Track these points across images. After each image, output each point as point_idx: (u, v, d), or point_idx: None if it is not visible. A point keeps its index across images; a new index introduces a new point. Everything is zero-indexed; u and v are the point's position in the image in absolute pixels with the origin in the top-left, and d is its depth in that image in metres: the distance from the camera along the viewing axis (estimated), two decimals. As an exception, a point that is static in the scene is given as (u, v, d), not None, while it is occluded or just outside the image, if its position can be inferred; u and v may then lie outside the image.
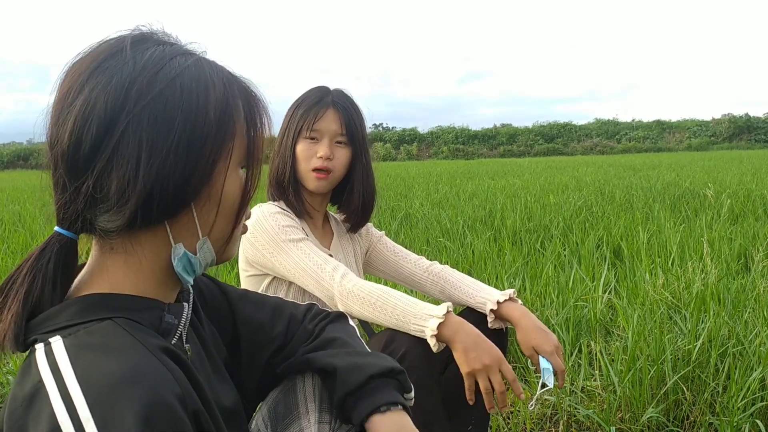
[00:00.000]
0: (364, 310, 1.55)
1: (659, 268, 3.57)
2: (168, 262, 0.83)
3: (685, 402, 2.19)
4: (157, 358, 0.73)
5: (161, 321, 0.84)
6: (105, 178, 0.75)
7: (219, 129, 0.80)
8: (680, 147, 56.86)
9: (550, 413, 2.31)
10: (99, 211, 0.77)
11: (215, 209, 0.84)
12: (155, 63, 0.78)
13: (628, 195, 8.71)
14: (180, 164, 0.77)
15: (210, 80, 0.81)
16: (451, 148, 60.64)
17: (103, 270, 0.81)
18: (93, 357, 0.70)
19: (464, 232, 5.77)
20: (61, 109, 0.77)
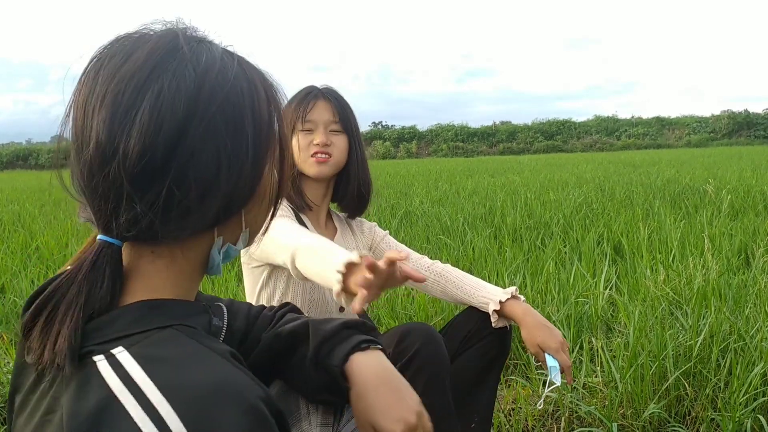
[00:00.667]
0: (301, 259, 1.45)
1: (660, 264, 3.56)
2: (204, 257, 0.81)
3: (686, 398, 2.18)
4: (232, 365, 0.71)
5: (210, 325, 0.82)
6: (181, 185, 0.71)
7: (269, 129, 0.81)
8: (680, 143, 56.90)
9: (552, 410, 2.30)
10: (169, 218, 0.73)
11: (259, 205, 0.84)
12: (212, 64, 0.75)
13: (628, 192, 8.71)
14: (250, 166, 0.77)
15: (255, 81, 0.80)
16: (450, 146, 60.65)
17: (142, 275, 0.77)
18: (170, 368, 0.66)
19: (464, 229, 5.77)
20: (114, 114, 0.70)
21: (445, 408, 1.52)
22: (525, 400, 2.34)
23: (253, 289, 1.80)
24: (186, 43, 0.75)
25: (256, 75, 0.81)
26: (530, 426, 2.24)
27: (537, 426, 2.21)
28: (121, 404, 0.63)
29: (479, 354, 1.73)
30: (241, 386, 0.67)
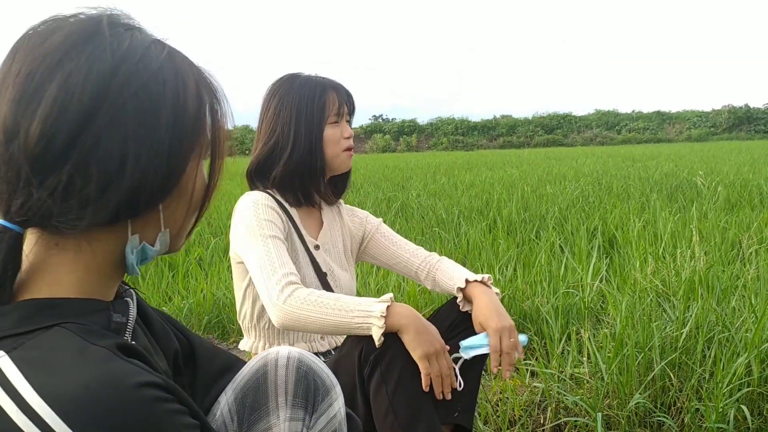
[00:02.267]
0: (302, 311, 1.49)
1: (650, 255, 3.57)
2: (119, 256, 0.78)
3: (672, 388, 2.19)
4: (117, 356, 0.68)
5: (110, 321, 0.78)
6: (81, 173, 0.69)
7: (195, 125, 0.77)
8: (680, 138, 56.87)
9: (538, 400, 2.31)
10: (68, 206, 0.70)
11: (183, 204, 0.81)
12: (134, 52, 0.73)
13: (625, 185, 8.71)
14: (164, 161, 0.73)
15: (184, 73, 0.77)
16: (450, 140, 60.62)
17: (46, 269, 0.74)
18: (50, 369, 0.65)
19: (459, 222, 5.78)
20: (22, 94, 0.69)
21: (422, 398, 1.52)
22: (512, 391, 2.35)
23: (240, 284, 1.80)
24: (109, 28, 0.73)
25: (190, 70, 0.79)
26: (517, 416, 2.25)
27: (524, 416, 2.22)
28: (4, 411, 0.63)
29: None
30: (121, 376, 0.66)
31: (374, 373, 1.50)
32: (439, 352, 1.50)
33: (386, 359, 1.48)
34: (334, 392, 1.11)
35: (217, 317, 3.49)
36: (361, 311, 1.47)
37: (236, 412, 1.06)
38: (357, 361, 1.52)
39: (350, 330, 1.49)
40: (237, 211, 1.71)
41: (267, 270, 1.57)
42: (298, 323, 1.50)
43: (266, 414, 1.05)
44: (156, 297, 3.80)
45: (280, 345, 1.79)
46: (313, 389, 1.08)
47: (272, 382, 1.06)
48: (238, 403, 1.06)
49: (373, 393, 1.51)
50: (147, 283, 4.03)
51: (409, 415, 1.50)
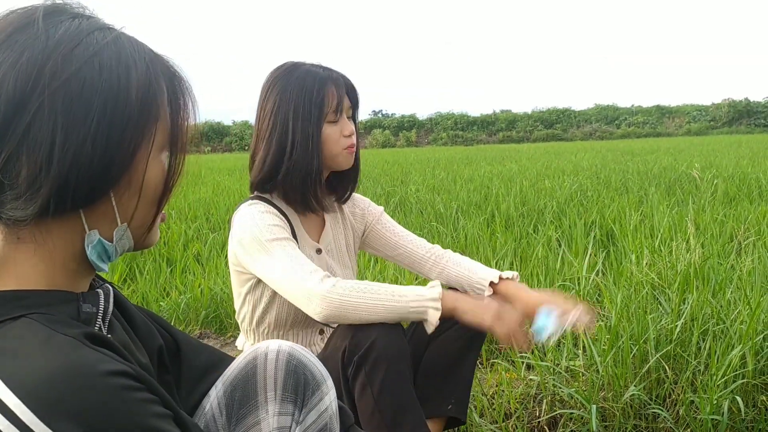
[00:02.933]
0: (348, 303, 1.47)
1: (646, 248, 3.58)
2: (81, 249, 0.77)
3: (667, 380, 2.20)
4: (84, 345, 0.69)
5: (79, 312, 0.78)
6: (13, 163, 0.69)
7: (141, 112, 0.75)
8: (680, 132, 56.82)
9: (534, 393, 2.32)
10: (6, 198, 0.70)
11: (136, 196, 0.78)
12: (71, 38, 0.72)
13: (623, 179, 8.71)
14: (98, 149, 0.72)
15: (131, 58, 0.75)
16: (450, 135, 60.57)
17: (9, 262, 0.75)
18: (16, 359, 0.65)
19: (457, 216, 5.78)
20: None
21: (407, 397, 1.51)
22: (508, 384, 2.36)
23: (239, 291, 1.77)
24: (44, 18, 0.72)
25: (141, 55, 0.77)
26: (512, 409, 2.26)
27: (519, 408, 2.23)
28: None
29: (455, 336, 1.72)
30: (89, 364, 0.66)
31: (358, 374, 1.50)
32: (501, 312, 1.52)
33: (370, 360, 1.47)
34: (325, 386, 1.10)
35: (215, 312, 3.50)
36: (417, 296, 1.50)
37: (225, 406, 1.05)
38: (341, 362, 1.51)
39: (404, 315, 1.50)
40: (238, 223, 1.65)
41: (296, 269, 1.54)
42: (346, 312, 1.48)
43: (255, 408, 1.05)
44: (154, 292, 3.80)
45: None
46: (303, 383, 1.06)
47: (261, 376, 1.05)
48: (228, 397, 1.06)
49: (358, 394, 1.51)
50: (145, 278, 4.03)
51: (394, 415, 1.49)
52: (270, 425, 1.03)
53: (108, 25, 0.77)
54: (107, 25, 0.77)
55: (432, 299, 1.49)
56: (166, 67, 0.80)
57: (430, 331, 1.52)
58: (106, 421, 0.64)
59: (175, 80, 0.81)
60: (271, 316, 1.73)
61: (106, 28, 0.76)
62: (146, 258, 4.51)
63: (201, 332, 3.39)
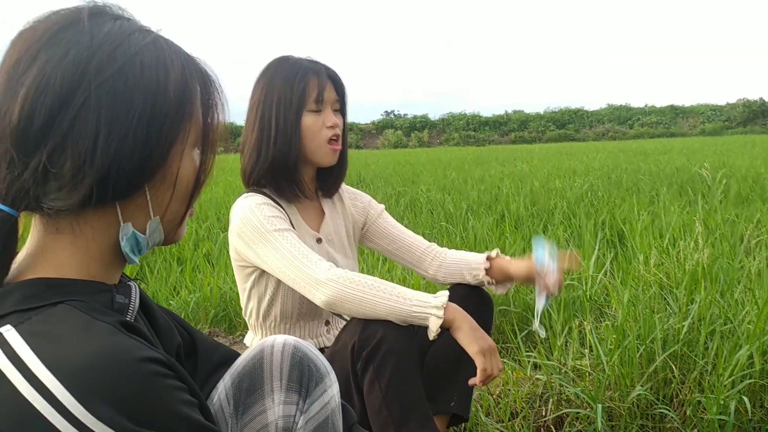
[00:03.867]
0: (354, 292, 1.49)
1: (654, 248, 3.56)
2: (115, 241, 0.81)
3: (674, 380, 2.19)
4: (119, 332, 0.72)
5: (113, 302, 0.82)
6: (59, 154, 0.72)
7: (177, 110, 0.79)
8: (694, 132, 56.42)
9: (540, 392, 2.32)
10: (49, 188, 0.74)
11: (170, 191, 0.82)
12: (114, 38, 0.76)
13: (635, 179, 8.66)
14: (139, 144, 0.75)
15: (169, 59, 0.79)
16: (462, 135, 60.50)
17: (47, 252, 0.78)
18: (56, 342, 0.68)
19: (467, 216, 5.78)
20: (9, 80, 0.73)
21: (415, 393, 1.52)
22: (514, 383, 2.36)
23: (243, 286, 1.78)
24: (89, 18, 0.76)
25: (177, 57, 0.81)
26: (518, 408, 2.26)
27: (525, 408, 2.23)
28: (10, 382, 0.65)
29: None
30: (125, 349, 0.68)
31: (367, 370, 1.51)
32: (494, 349, 1.52)
33: (379, 356, 1.49)
34: (329, 379, 1.14)
35: (224, 311, 3.52)
36: (420, 301, 1.49)
37: (233, 396, 1.09)
38: (350, 357, 1.53)
39: (404, 318, 1.49)
40: (236, 216, 1.67)
41: (299, 258, 1.56)
42: (348, 303, 1.50)
43: (261, 397, 1.08)
44: (164, 290, 3.83)
45: None
46: (308, 375, 1.10)
47: (268, 367, 1.09)
48: (235, 388, 1.10)
49: (366, 389, 1.52)
50: (155, 276, 4.06)
51: (402, 411, 1.50)
52: (276, 413, 1.07)
53: (146, 28, 0.82)
54: (145, 27, 0.81)
55: (435, 307, 1.49)
56: (198, 68, 0.84)
57: (431, 338, 1.51)
58: (141, 405, 0.67)
59: (207, 81, 0.85)
60: (277, 309, 1.75)
61: (145, 30, 0.81)
62: (157, 257, 4.55)
63: (210, 331, 3.41)
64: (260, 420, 1.08)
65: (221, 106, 0.87)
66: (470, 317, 1.54)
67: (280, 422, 1.07)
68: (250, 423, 1.08)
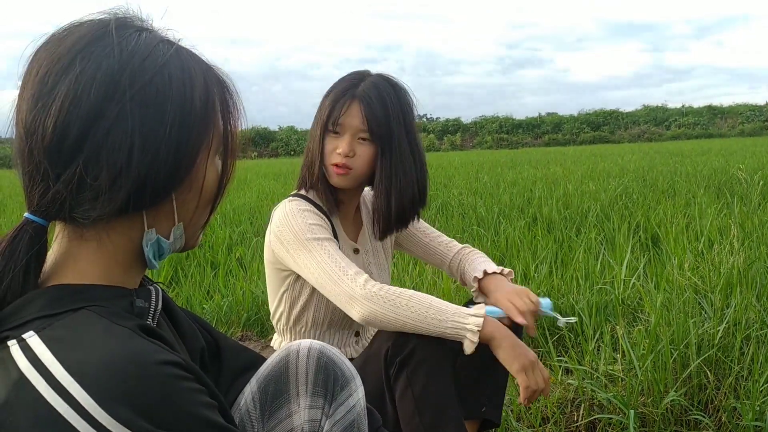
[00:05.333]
0: (390, 310, 1.49)
1: (689, 252, 3.50)
2: (138, 246, 0.82)
3: (708, 386, 2.15)
4: (139, 336, 0.73)
5: (133, 306, 0.83)
6: (94, 165, 0.74)
7: (202, 118, 0.81)
8: (732, 133, 55.23)
9: (572, 397, 2.30)
10: (84, 198, 0.75)
11: (195, 198, 0.84)
12: (142, 50, 0.77)
13: (671, 181, 8.52)
14: (171, 153, 0.77)
15: (192, 69, 0.81)
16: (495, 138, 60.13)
17: (71, 259, 0.80)
18: (77, 346, 0.69)
19: (499, 220, 5.75)
20: (38, 94, 0.74)
21: (448, 399, 1.52)
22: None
23: (276, 289, 1.78)
24: (116, 30, 0.78)
25: (198, 66, 0.82)
26: (550, 413, 2.24)
27: (557, 413, 2.21)
28: (33, 386, 0.67)
29: None
30: (144, 353, 0.70)
31: (400, 375, 1.51)
32: (535, 364, 1.50)
33: (413, 362, 1.49)
34: (354, 384, 1.14)
35: (256, 315, 3.55)
36: (456, 322, 1.48)
37: (259, 400, 1.10)
38: (383, 362, 1.53)
39: (440, 335, 1.50)
40: (278, 219, 1.67)
41: (336, 271, 1.55)
42: (385, 318, 1.50)
43: (287, 401, 1.09)
44: (198, 294, 3.88)
45: None
46: (333, 379, 1.11)
47: (293, 371, 1.10)
48: (261, 392, 1.10)
49: (399, 395, 1.52)
50: (189, 281, 4.12)
51: (434, 417, 1.50)
52: (301, 417, 1.08)
53: (167, 38, 0.83)
54: (167, 38, 0.83)
55: (471, 331, 1.47)
56: (217, 76, 0.86)
57: (467, 353, 1.50)
58: (160, 408, 0.68)
59: (225, 89, 0.87)
60: (309, 315, 1.76)
61: (167, 40, 0.82)
62: (191, 261, 4.61)
63: (242, 334, 3.45)
64: (286, 424, 1.09)
65: (239, 113, 0.89)
66: (510, 333, 1.51)
67: (306, 426, 1.08)
68: (276, 427, 1.09)
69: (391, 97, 1.67)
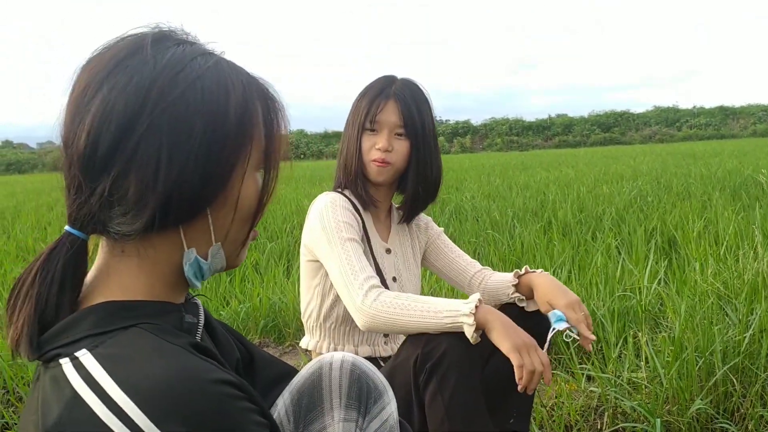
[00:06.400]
0: (387, 319, 1.53)
1: (711, 257, 3.47)
2: (179, 264, 0.81)
3: (735, 394, 2.13)
4: (192, 354, 0.73)
5: (182, 322, 0.83)
6: (122, 180, 0.73)
7: (238, 132, 0.79)
8: (745, 133, 54.86)
9: (595, 405, 2.28)
10: (114, 213, 0.75)
11: (231, 214, 0.82)
12: (176, 63, 0.77)
13: (685, 183, 8.47)
14: (199, 168, 0.76)
15: (230, 82, 0.79)
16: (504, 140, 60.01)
17: (114, 274, 0.79)
18: (131, 364, 0.69)
19: (513, 224, 5.72)
20: (77, 108, 0.75)
21: (477, 407, 1.51)
22: (568, 395, 2.32)
23: (309, 282, 1.83)
24: (152, 44, 0.77)
25: (238, 78, 0.81)
26: (573, 421, 2.22)
27: (580, 421, 2.19)
28: (87, 404, 0.67)
29: None
30: (198, 371, 0.69)
31: (430, 382, 1.50)
32: (530, 345, 1.49)
33: (443, 368, 1.48)
34: (387, 396, 1.13)
35: (273, 321, 3.55)
36: (450, 311, 1.50)
37: (292, 413, 1.09)
38: (413, 369, 1.52)
39: (440, 330, 1.51)
40: (315, 210, 1.74)
41: (348, 274, 1.60)
42: (384, 326, 1.55)
43: (321, 414, 1.09)
44: (214, 301, 3.88)
45: (345, 346, 1.83)
46: (366, 392, 1.10)
47: (327, 384, 1.10)
48: (295, 404, 1.10)
49: (428, 401, 1.51)
50: (205, 287, 4.12)
51: (464, 425, 1.49)
52: (335, 431, 1.07)
53: (209, 51, 0.82)
54: (209, 51, 0.82)
55: (464, 314, 1.48)
56: (260, 88, 0.84)
57: (473, 343, 1.50)
58: (215, 427, 0.67)
59: (269, 101, 0.85)
60: (340, 309, 1.79)
61: (208, 53, 0.81)
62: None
63: (260, 341, 3.45)
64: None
65: (284, 126, 0.86)
66: (504, 316, 1.51)
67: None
68: None
69: (421, 97, 1.81)
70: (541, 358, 1.48)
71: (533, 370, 1.47)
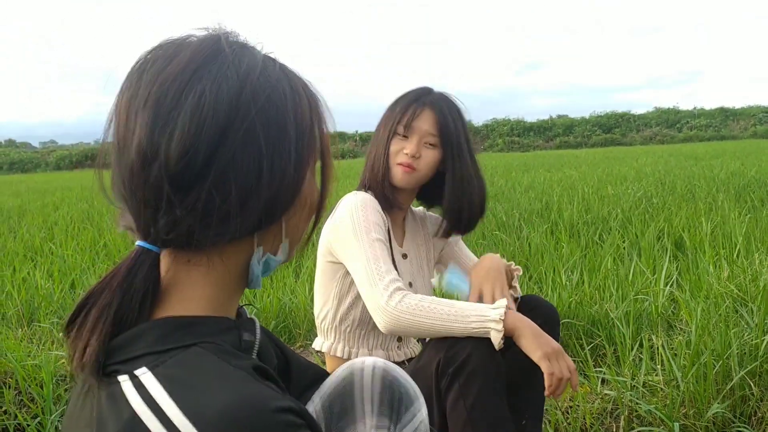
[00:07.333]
0: (411, 322, 1.53)
1: (723, 260, 3.46)
2: (243, 268, 0.80)
3: (752, 398, 2.13)
4: (255, 379, 0.71)
5: (240, 340, 0.81)
6: (221, 188, 0.71)
7: (311, 133, 0.79)
8: (745, 135, 54.78)
9: (610, 408, 2.27)
10: (209, 222, 0.72)
11: (299, 212, 0.82)
12: (254, 66, 0.75)
13: (690, 185, 8.47)
14: (295, 169, 0.76)
15: (297, 84, 0.79)
16: (506, 141, 59.96)
17: (177, 286, 0.77)
18: (194, 388, 0.67)
19: (520, 225, 5.72)
20: (157, 118, 0.70)
21: (500, 412, 1.50)
22: (583, 399, 2.32)
23: (327, 283, 1.81)
24: (228, 47, 0.75)
25: (298, 81, 0.80)
26: (588, 424, 2.22)
27: (595, 424, 2.19)
28: (146, 426, 0.65)
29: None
30: (263, 400, 0.67)
31: (452, 387, 1.50)
32: (559, 352, 1.50)
33: (465, 373, 1.48)
34: (418, 403, 1.13)
35: (284, 322, 3.55)
36: (478, 316, 1.50)
37: (324, 419, 1.09)
38: (434, 373, 1.52)
39: (465, 334, 1.51)
40: (344, 208, 1.73)
41: (374, 275, 1.60)
42: (409, 329, 1.54)
43: (353, 421, 1.08)
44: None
45: (359, 349, 1.82)
46: (398, 399, 1.10)
47: (359, 390, 1.09)
48: (326, 411, 1.09)
49: (450, 406, 1.51)
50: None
51: (486, 430, 1.49)
52: None
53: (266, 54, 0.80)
54: (266, 54, 0.80)
55: (493, 320, 1.48)
56: (309, 89, 0.83)
57: (496, 347, 1.50)
58: None
59: (316, 100, 0.84)
60: (356, 312, 1.79)
61: (268, 56, 0.80)
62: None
63: (270, 342, 3.44)
64: None
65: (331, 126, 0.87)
66: (532, 323, 1.52)
67: None
68: None
69: (458, 111, 1.82)
70: (568, 364, 1.49)
71: (562, 378, 1.47)
